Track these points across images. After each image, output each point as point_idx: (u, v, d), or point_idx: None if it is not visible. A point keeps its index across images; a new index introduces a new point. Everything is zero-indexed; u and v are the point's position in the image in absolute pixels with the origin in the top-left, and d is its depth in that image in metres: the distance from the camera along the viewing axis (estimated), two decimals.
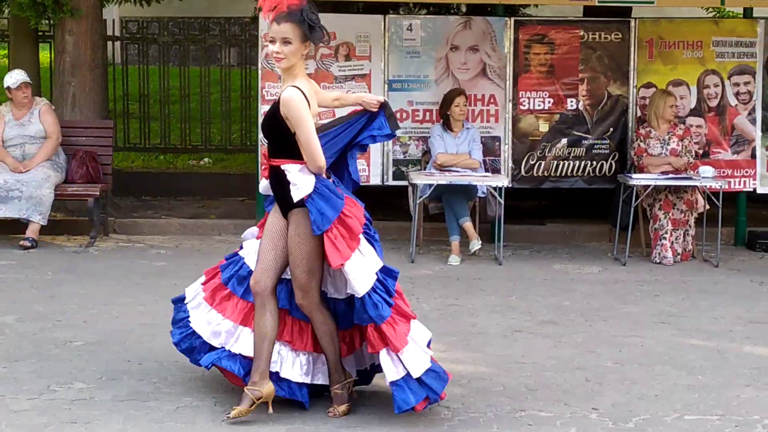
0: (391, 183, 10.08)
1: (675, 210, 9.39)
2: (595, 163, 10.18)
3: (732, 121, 10.25)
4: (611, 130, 10.20)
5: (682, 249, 9.41)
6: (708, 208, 9.47)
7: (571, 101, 10.18)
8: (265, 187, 5.23)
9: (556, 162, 10.17)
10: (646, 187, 9.30)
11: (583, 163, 10.19)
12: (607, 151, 10.19)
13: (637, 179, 9.28)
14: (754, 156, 10.26)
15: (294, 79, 4.95)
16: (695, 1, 11.08)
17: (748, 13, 10.45)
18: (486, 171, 9.77)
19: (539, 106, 10.18)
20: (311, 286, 5.01)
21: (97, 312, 7.18)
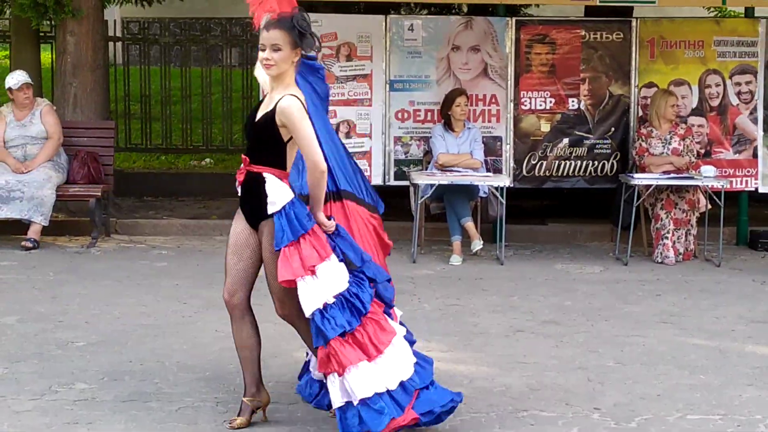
0: (392, 183, 10.08)
1: (677, 210, 9.39)
2: (596, 162, 10.18)
3: (733, 120, 10.24)
4: (613, 129, 10.19)
5: (684, 249, 9.40)
6: (710, 207, 9.47)
7: (573, 101, 10.17)
8: None
9: (557, 162, 10.17)
10: (648, 186, 9.29)
11: (584, 162, 10.18)
12: (609, 150, 10.19)
13: (639, 179, 9.28)
14: (755, 155, 10.25)
15: (286, 87, 4.90)
16: (697, 0, 11.06)
17: (749, 13, 10.45)
18: (487, 171, 9.76)
19: (541, 106, 10.17)
20: (288, 296, 4.89)
21: (98, 312, 7.18)
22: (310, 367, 5.15)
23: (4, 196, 9.44)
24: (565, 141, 10.16)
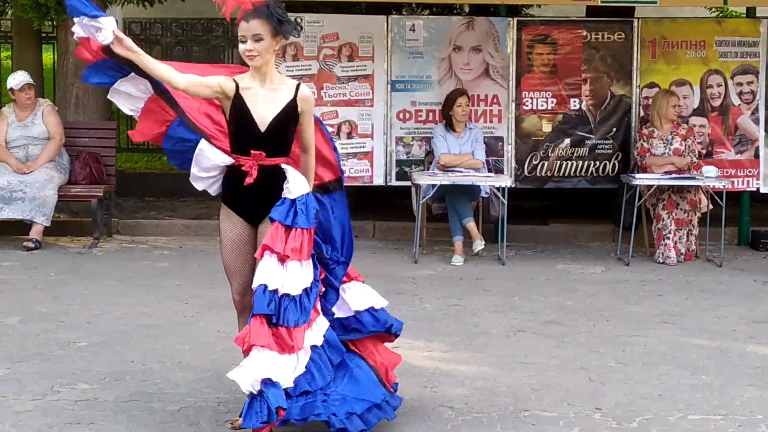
0: (394, 183, 10.08)
1: (678, 210, 9.39)
2: (598, 163, 10.18)
3: (735, 120, 10.24)
4: (614, 130, 10.19)
5: (686, 249, 9.40)
6: (711, 207, 9.47)
7: (574, 101, 10.17)
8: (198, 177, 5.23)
9: (559, 162, 10.17)
10: (650, 187, 9.29)
11: (586, 163, 10.18)
12: (610, 151, 10.19)
13: (641, 179, 9.27)
14: (757, 156, 10.25)
15: (275, 75, 4.93)
16: (698, 0, 11.06)
17: (751, 13, 10.44)
18: (489, 171, 9.76)
19: (542, 106, 10.17)
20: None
21: (100, 313, 7.18)
22: None
23: (6, 197, 9.45)
24: (567, 141, 10.16)
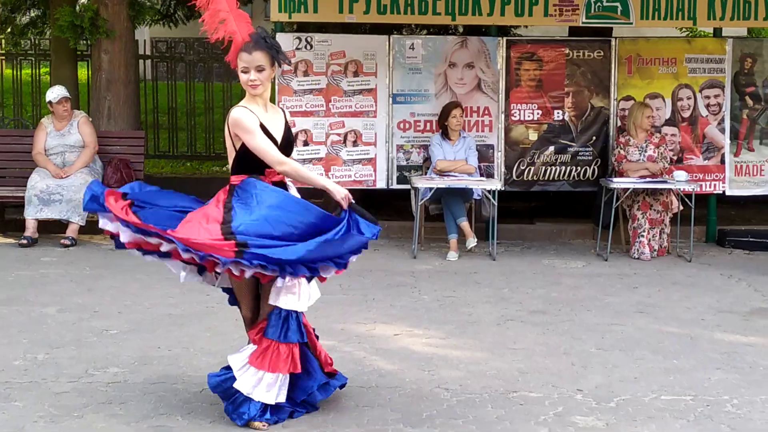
0: (395, 187, 10.07)
1: (652, 210, 9.38)
2: (579, 168, 10.17)
3: (703, 130, 10.23)
4: (594, 138, 10.18)
5: (659, 246, 9.39)
6: (682, 208, 9.46)
7: (558, 113, 10.16)
8: None
9: (544, 167, 10.17)
10: (626, 190, 9.29)
11: (568, 168, 10.17)
12: (591, 157, 10.18)
13: (618, 183, 9.27)
14: (723, 162, 10.24)
15: (267, 101, 4.90)
16: (670, 22, 11.03)
17: (717, 33, 10.44)
18: (481, 175, 9.76)
19: (529, 117, 10.17)
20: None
21: (130, 303, 7.18)
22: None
23: (46, 199, 9.46)
24: (551, 148, 10.15)
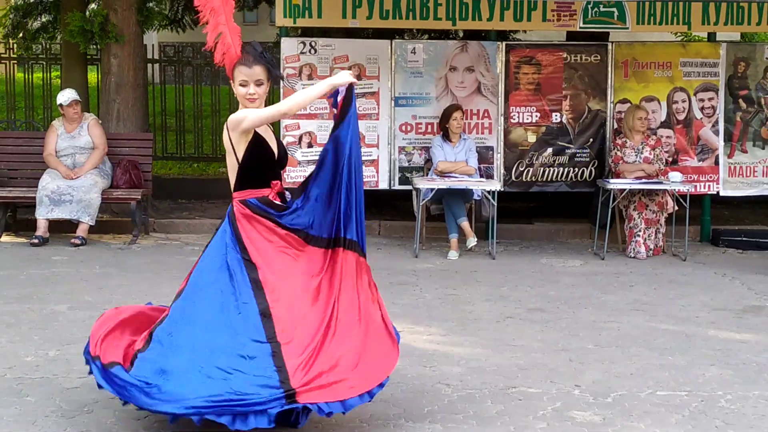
0: (397, 187, 10.07)
1: (648, 210, 9.39)
2: (577, 169, 10.18)
3: (698, 132, 10.23)
4: (591, 140, 10.19)
5: (654, 245, 9.40)
6: (677, 209, 9.46)
7: (556, 115, 10.17)
8: None
9: (542, 169, 10.17)
10: (622, 190, 9.29)
11: (566, 169, 10.18)
12: (588, 159, 10.19)
13: (614, 184, 9.27)
14: (717, 163, 10.25)
15: None
16: (665, 27, 11.03)
17: (711, 38, 10.45)
18: (481, 177, 9.76)
19: (528, 119, 10.17)
20: None
21: (139, 301, 7.16)
22: None
23: (56, 199, 9.47)
24: (549, 150, 10.16)
